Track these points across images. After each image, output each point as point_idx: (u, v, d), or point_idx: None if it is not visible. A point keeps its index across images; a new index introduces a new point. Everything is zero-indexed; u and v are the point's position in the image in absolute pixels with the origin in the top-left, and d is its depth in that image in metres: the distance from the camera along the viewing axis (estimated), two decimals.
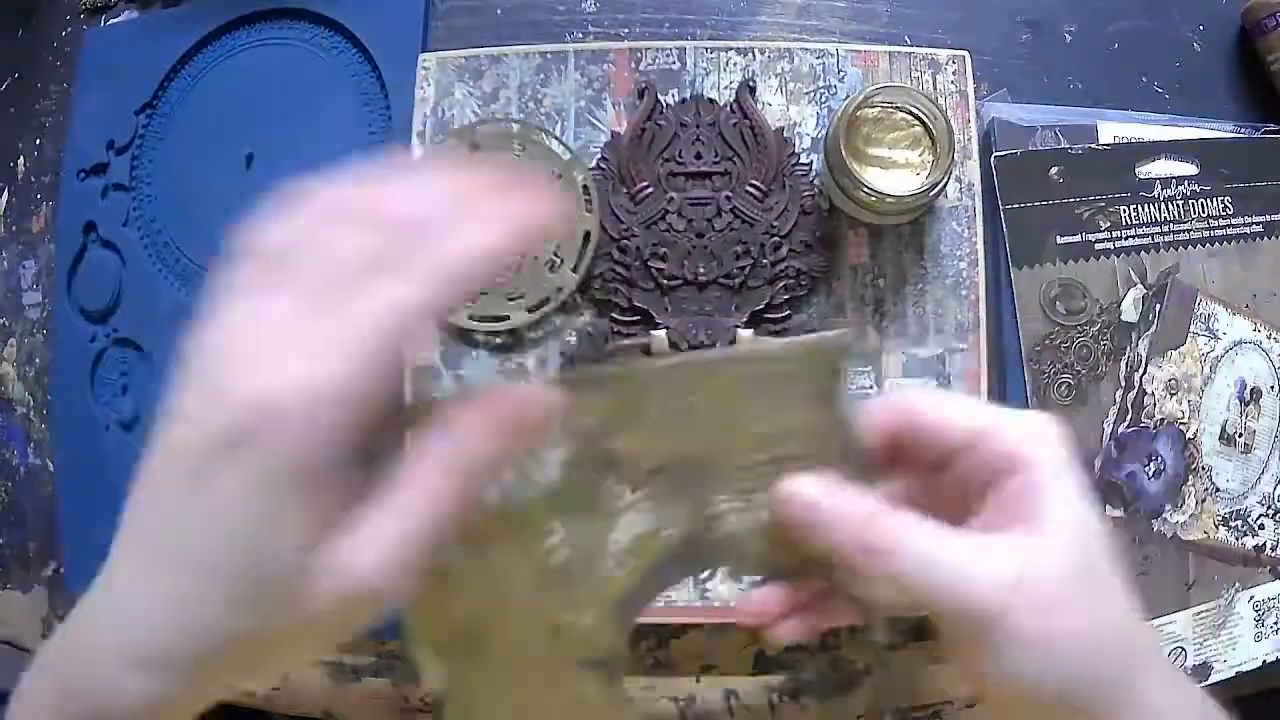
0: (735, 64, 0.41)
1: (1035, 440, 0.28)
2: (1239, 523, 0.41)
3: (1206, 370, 0.41)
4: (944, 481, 0.29)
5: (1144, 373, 0.40)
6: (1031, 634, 0.25)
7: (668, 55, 0.41)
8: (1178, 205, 0.41)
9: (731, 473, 0.28)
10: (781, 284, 0.39)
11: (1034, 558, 0.26)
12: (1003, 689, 0.27)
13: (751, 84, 0.40)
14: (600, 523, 0.28)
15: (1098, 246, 0.41)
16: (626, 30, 0.43)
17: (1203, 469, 0.41)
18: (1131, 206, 0.41)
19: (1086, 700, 0.26)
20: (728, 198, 0.39)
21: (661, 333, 0.39)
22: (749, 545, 0.29)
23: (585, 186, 0.39)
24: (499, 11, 0.43)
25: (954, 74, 0.40)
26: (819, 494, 0.27)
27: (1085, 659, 0.26)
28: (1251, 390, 0.41)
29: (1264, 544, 0.41)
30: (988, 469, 0.28)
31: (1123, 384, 0.40)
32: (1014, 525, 0.27)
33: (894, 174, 0.37)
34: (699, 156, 0.40)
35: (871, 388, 0.39)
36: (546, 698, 0.29)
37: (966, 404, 0.29)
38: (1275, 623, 0.41)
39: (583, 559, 0.28)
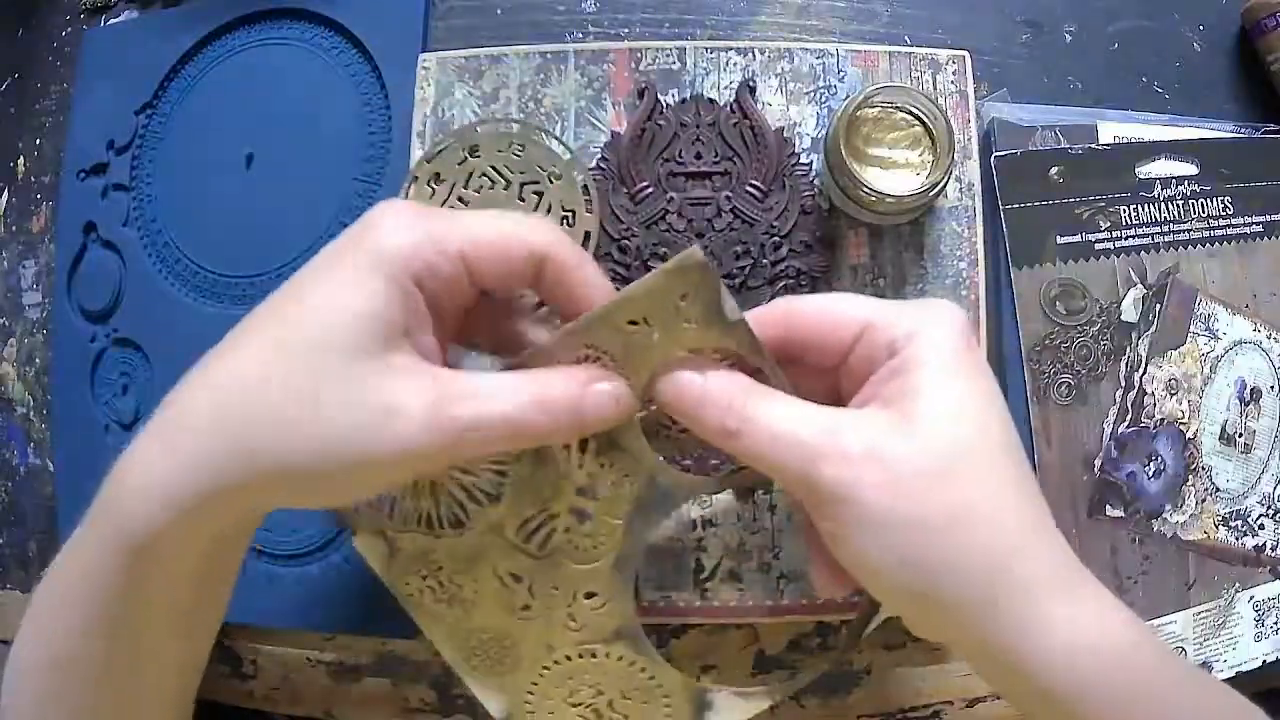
0: (735, 64, 0.41)
1: (921, 324, 0.27)
2: (1239, 523, 0.41)
3: (1206, 370, 0.41)
4: (844, 378, 0.29)
5: (1144, 373, 0.40)
6: (879, 514, 0.24)
7: (668, 55, 0.41)
8: (1178, 205, 0.41)
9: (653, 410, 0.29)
10: (781, 284, 0.39)
11: (887, 436, 0.25)
12: (863, 572, 0.26)
13: (751, 84, 0.40)
14: (561, 504, 0.30)
15: (1098, 246, 0.41)
16: (626, 30, 0.43)
17: (1203, 469, 0.41)
18: (1131, 206, 0.41)
19: (952, 593, 0.24)
20: (728, 198, 0.39)
21: None
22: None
23: (585, 186, 0.39)
24: (499, 11, 0.43)
25: (954, 74, 0.40)
26: (688, 380, 0.27)
27: (942, 545, 0.24)
28: (1251, 390, 0.41)
29: (1264, 544, 0.41)
30: (875, 357, 0.27)
31: (1123, 384, 0.40)
32: (878, 405, 0.26)
33: (894, 174, 0.37)
34: (699, 156, 0.40)
35: None
36: (591, 679, 0.31)
37: (853, 298, 0.29)
38: (1275, 623, 0.41)
39: (563, 543, 0.30)
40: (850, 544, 0.25)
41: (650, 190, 0.40)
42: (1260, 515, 0.41)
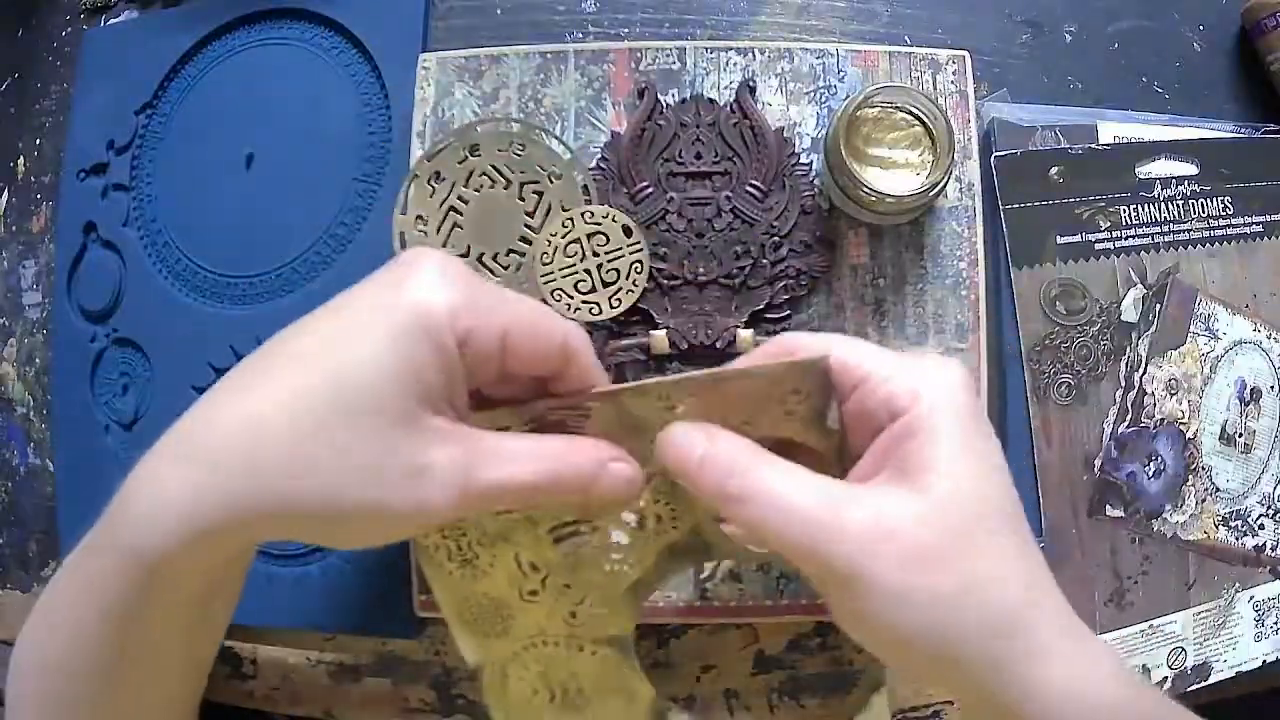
0: (735, 64, 0.41)
1: (923, 383, 0.27)
2: (1239, 523, 0.41)
3: (1206, 370, 0.41)
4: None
5: (1144, 373, 0.40)
6: (894, 587, 0.24)
7: (668, 55, 0.41)
8: (1178, 205, 0.41)
9: None
10: (781, 284, 0.39)
11: (899, 510, 0.25)
12: (877, 644, 0.26)
13: (751, 84, 0.40)
14: (604, 524, 0.30)
15: (1098, 246, 0.41)
16: (626, 30, 0.43)
17: (1203, 469, 0.41)
18: (1131, 206, 0.41)
19: (965, 657, 0.25)
20: (728, 198, 0.39)
21: (661, 333, 0.39)
22: (733, 540, 0.31)
23: (585, 186, 0.39)
24: (499, 11, 0.43)
25: (954, 74, 0.40)
26: (694, 439, 0.27)
27: (955, 615, 0.25)
28: (1251, 390, 0.41)
29: (1264, 544, 0.41)
30: (873, 412, 0.27)
31: (1123, 384, 0.40)
32: (887, 475, 0.26)
33: (894, 174, 0.37)
34: (699, 156, 0.40)
35: None
36: (570, 666, 0.32)
37: (850, 345, 0.28)
38: (1275, 623, 0.41)
39: (592, 555, 0.30)
40: (863, 619, 0.26)
41: (650, 190, 0.40)
42: (1260, 515, 0.41)
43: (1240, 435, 0.41)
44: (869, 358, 0.28)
